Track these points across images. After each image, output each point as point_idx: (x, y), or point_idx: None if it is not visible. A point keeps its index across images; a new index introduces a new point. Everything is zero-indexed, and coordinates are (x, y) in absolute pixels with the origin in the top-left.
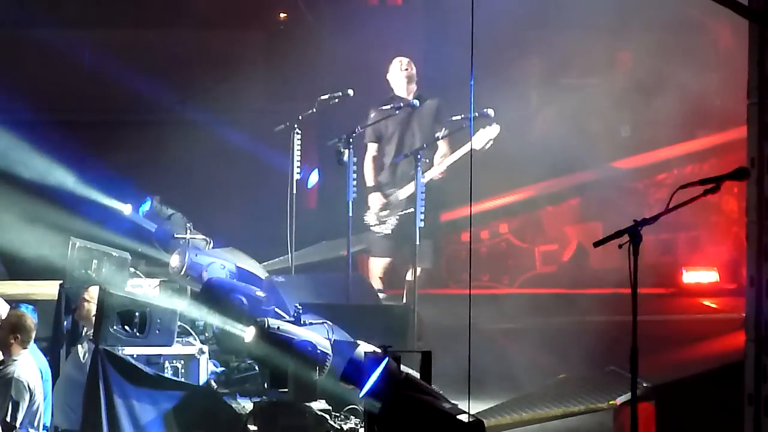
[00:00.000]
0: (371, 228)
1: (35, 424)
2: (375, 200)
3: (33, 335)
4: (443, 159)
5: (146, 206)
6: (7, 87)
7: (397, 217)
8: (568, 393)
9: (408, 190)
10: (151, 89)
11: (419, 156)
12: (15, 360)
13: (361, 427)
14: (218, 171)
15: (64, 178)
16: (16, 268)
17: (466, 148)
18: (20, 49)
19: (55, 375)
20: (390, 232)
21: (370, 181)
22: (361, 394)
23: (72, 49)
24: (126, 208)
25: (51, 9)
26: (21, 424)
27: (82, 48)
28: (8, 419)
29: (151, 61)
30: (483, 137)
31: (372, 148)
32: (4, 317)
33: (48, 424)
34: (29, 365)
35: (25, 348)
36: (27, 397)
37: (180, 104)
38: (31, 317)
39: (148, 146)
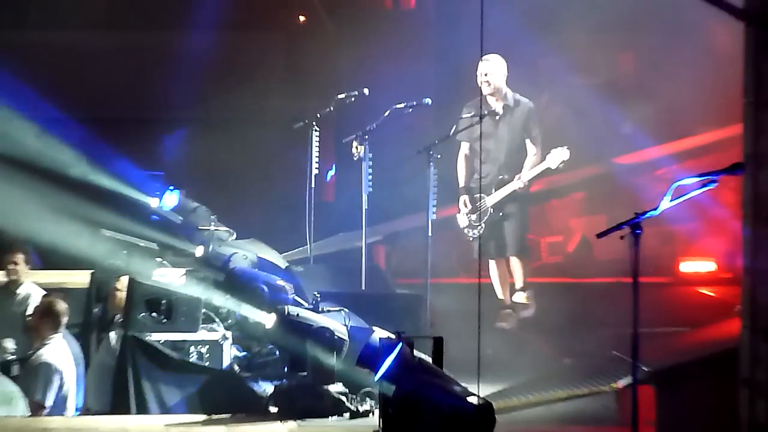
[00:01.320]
0: (463, 230)
1: (65, 405)
2: (463, 203)
3: (64, 321)
4: (529, 171)
5: (171, 197)
6: (40, 86)
7: (484, 223)
8: (573, 377)
9: (496, 196)
10: (177, 89)
11: (431, 153)
12: (46, 344)
13: (376, 408)
14: (240, 166)
15: (94, 173)
16: (49, 258)
17: (545, 164)
18: (53, 51)
19: (87, 359)
20: (478, 236)
21: (462, 181)
22: (376, 378)
23: (102, 50)
24: (153, 202)
25: (81, 12)
26: (52, 404)
27: (112, 48)
28: (37, 399)
29: (177, 62)
30: (557, 158)
31: (465, 147)
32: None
33: (80, 406)
34: (60, 349)
35: (56, 333)
36: (56, 379)
37: (204, 103)
38: (61, 303)
39: (174, 143)
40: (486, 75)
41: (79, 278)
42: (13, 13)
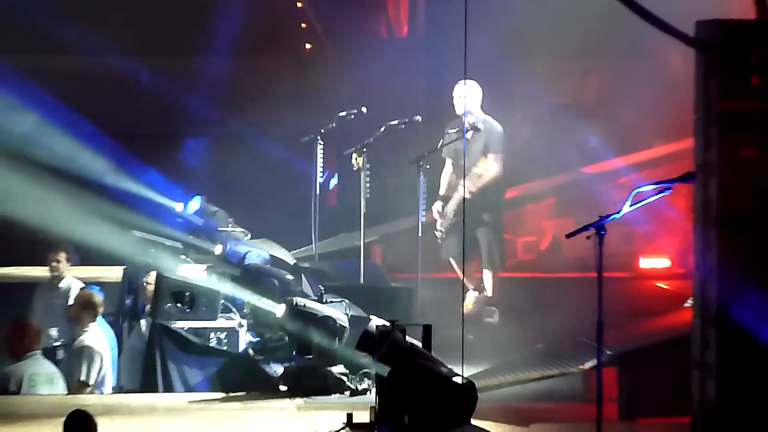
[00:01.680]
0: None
1: (104, 384)
2: (436, 210)
3: (101, 310)
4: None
5: (194, 202)
6: (78, 105)
7: (444, 228)
8: (545, 359)
9: (452, 205)
10: (198, 107)
11: (421, 163)
12: (86, 330)
13: (373, 387)
14: (254, 175)
15: (126, 181)
16: (87, 256)
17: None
18: (90, 74)
19: (120, 344)
20: (443, 236)
21: (441, 191)
22: (373, 360)
23: (133, 73)
24: (178, 206)
25: (115, 41)
26: (93, 383)
27: (141, 71)
28: (82, 379)
29: (198, 83)
30: (487, 166)
31: (448, 162)
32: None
33: (113, 385)
34: (98, 335)
35: (94, 321)
36: (98, 360)
37: (222, 119)
38: (98, 295)
39: (196, 154)
40: (460, 97)
41: (113, 273)
42: (55, 41)
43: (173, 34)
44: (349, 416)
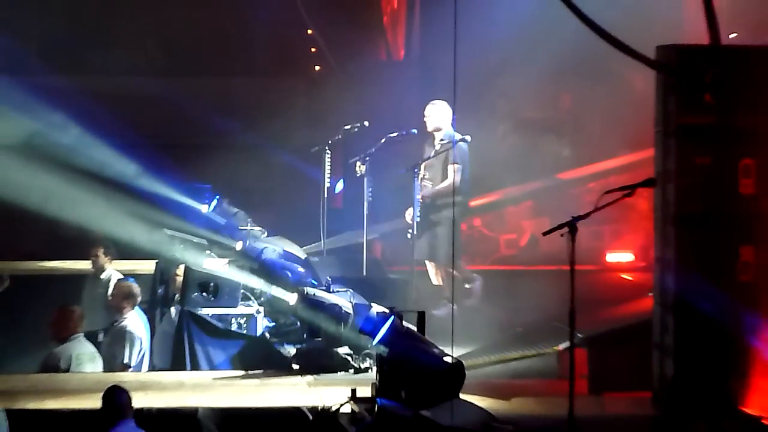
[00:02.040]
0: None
1: (142, 364)
2: (407, 213)
3: (138, 300)
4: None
5: (215, 202)
6: (117, 118)
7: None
8: (524, 341)
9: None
10: (222, 121)
11: (416, 170)
12: (126, 318)
13: (374, 366)
14: (270, 180)
15: (158, 185)
16: (124, 250)
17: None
18: (128, 91)
19: (152, 328)
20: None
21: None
22: (374, 342)
23: (165, 91)
24: (203, 208)
25: (149, 62)
26: (134, 364)
27: (172, 90)
28: (125, 361)
29: (221, 101)
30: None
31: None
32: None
33: (148, 363)
34: (136, 321)
35: (133, 309)
36: (138, 344)
37: (243, 132)
38: (136, 286)
39: (220, 162)
40: (428, 116)
41: (147, 266)
42: (98, 63)
43: (200, 58)
44: (353, 391)
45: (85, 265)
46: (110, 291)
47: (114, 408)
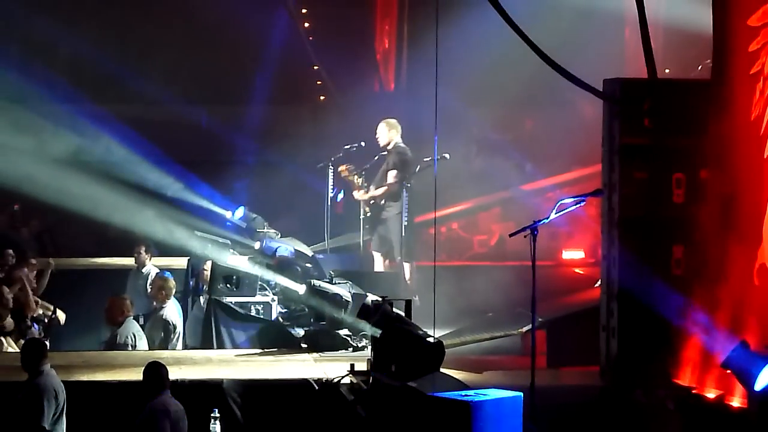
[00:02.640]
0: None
1: (177, 344)
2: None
3: (173, 291)
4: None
5: (239, 211)
6: (153, 139)
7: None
8: (493, 324)
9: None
10: (243, 141)
11: (404, 182)
12: (164, 307)
13: (369, 345)
14: (283, 191)
15: (190, 195)
16: (162, 248)
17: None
18: (162, 117)
19: (185, 314)
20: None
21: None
22: (369, 325)
23: (193, 117)
24: (228, 214)
25: (183, 90)
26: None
27: (201, 115)
28: (164, 345)
29: (243, 124)
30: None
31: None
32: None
33: (182, 343)
34: (173, 309)
35: (169, 299)
36: (173, 329)
37: (260, 151)
38: (172, 280)
39: (241, 176)
40: (378, 134)
41: (181, 262)
42: (140, 93)
43: (225, 88)
44: (352, 366)
45: (128, 261)
46: (149, 283)
47: (155, 380)
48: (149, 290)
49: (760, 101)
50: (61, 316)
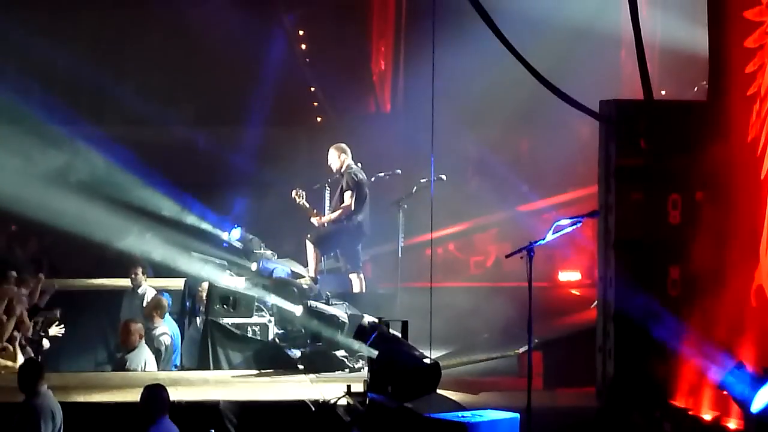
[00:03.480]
0: None
1: (169, 362)
2: None
3: (167, 311)
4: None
5: (236, 232)
6: (152, 162)
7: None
8: (490, 345)
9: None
10: (240, 163)
11: (400, 204)
12: (156, 326)
13: (366, 366)
14: (279, 212)
15: (187, 216)
16: (159, 269)
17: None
18: (164, 140)
19: (182, 334)
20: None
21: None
22: (366, 346)
23: (192, 139)
24: (224, 235)
25: (179, 111)
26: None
27: (198, 138)
28: (158, 364)
29: (240, 146)
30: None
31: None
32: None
33: (177, 364)
34: (165, 329)
35: (162, 318)
36: (165, 349)
37: (257, 172)
38: (164, 299)
39: (238, 197)
40: (330, 160)
41: (178, 283)
42: (139, 116)
43: (222, 111)
44: (348, 387)
45: (125, 282)
46: (145, 303)
47: (156, 404)
48: (144, 311)
49: (756, 122)
50: (45, 343)
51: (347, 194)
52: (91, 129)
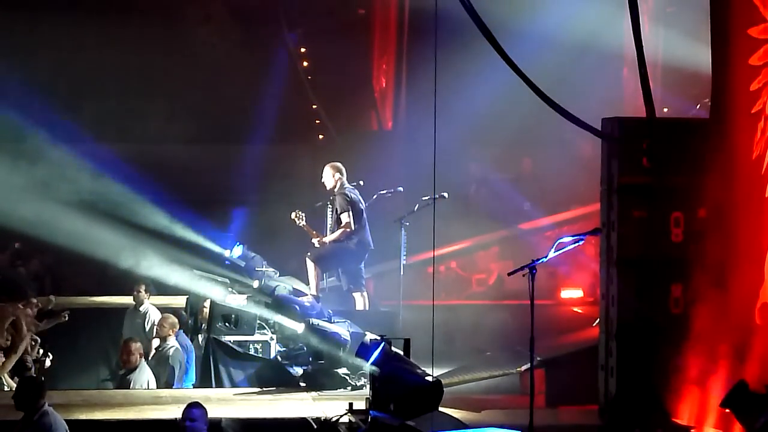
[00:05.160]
0: None
1: (183, 380)
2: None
3: (177, 329)
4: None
5: (237, 249)
6: (158, 179)
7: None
8: (492, 363)
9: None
10: (243, 181)
11: (402, 221)
12: (170, 344)
13: (368, 384)
14: (281, 229)
15: (190, 233)
16: (161, 287)
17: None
18: (165, 157)
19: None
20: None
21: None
22: (368, 364)
23: (195, 157)
24: (226, 252)
25: (182, 129)
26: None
27: (201, 156)
28: (171, 380)
29: (242, 165)
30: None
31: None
32: (158, 319)
33: (194, 379)
34: (177, 345)
35: (175, 335)
36: (177, 365)
37: (260, 190)
38: (174, 317)
39: (241, 215)
40: (324, 178)
41: (179, 300)
42: (141, 132)
43: (224, 128)
44: (350, 405)
45: (127, 299)
46: (147, 322)
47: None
48: (157, 329)
49: (761, 140)
50: (48, 362)
51: (344, 215)
52: (93, 147)
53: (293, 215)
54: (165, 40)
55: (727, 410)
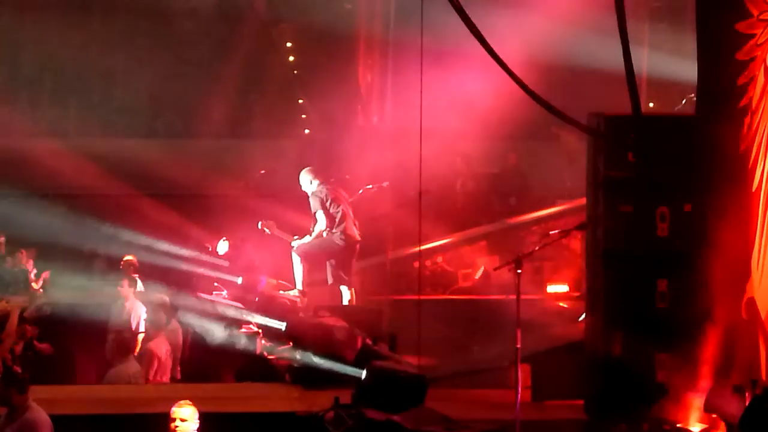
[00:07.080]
0: None
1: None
2: None
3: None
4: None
5: (222, 244)
6: (133, 173)
7: None
8: (478, 357)
9: None
10: (225, 174)
11: (388, 216)
12: (168, 325)
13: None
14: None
15: (173, 228)
16: (145, 282)
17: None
18: (143, 149)
19: None
20: None
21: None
22: (354, 360)
23: (177, 150)
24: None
25: (166, 123)
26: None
27: (183, 150)
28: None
29: (224, 158)
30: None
31: None
32: (143, 312)
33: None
34: (177, 325)
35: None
36: (155, 361)
37: (243, 188)
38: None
39: (224, 212)
40: (301, 182)
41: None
42: (118, 123)
43: (208, 123)
44: (336, 399)
45: (111, 293)
46: (135, 315)
47: None
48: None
49: (748, 134)
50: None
51: (318, 214)
52: (76, 140)
53: (260, 225)
54: (150, 32)
55: (713, 413)
